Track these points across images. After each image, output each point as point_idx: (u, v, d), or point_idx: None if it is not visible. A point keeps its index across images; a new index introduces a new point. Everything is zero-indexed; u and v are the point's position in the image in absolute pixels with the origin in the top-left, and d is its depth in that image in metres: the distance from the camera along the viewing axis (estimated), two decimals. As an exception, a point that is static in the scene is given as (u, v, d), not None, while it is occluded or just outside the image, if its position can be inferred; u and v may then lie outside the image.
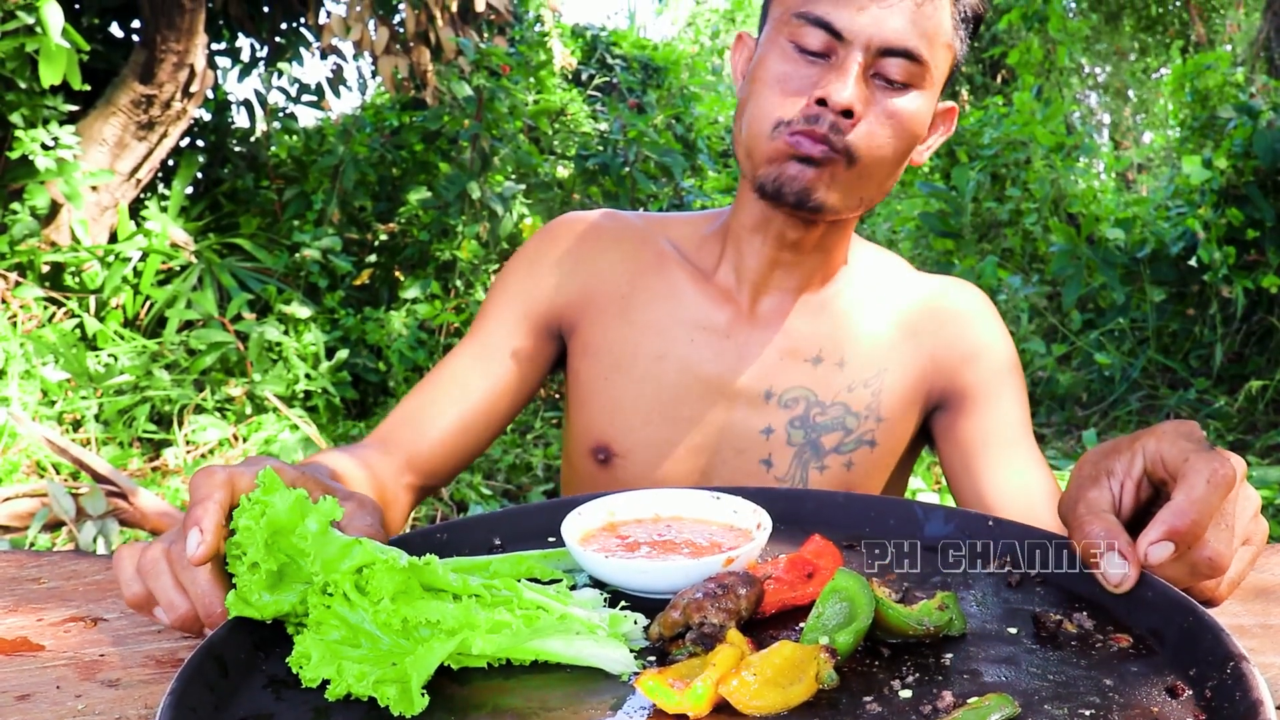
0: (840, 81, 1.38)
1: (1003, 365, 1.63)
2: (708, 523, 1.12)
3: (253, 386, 5.82)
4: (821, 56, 1.41)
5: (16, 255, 6.08)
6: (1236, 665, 0.78)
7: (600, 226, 1.72)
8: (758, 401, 1.59)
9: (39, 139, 5.81)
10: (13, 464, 5.03)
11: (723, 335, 1.60)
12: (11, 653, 1.05)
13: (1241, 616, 1.05)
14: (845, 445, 1.58)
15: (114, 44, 7.25)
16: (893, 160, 1.46)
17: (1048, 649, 0.88)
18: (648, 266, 1.67)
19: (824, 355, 1.60)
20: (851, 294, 1.64)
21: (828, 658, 0.80)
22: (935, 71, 1.45)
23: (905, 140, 1.45)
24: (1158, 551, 0.90)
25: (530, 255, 1.72)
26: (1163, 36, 13.75)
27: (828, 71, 1.40)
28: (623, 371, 1.63)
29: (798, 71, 1.42)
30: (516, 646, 0.85)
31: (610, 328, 1.65)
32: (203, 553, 0.93)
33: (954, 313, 1.65)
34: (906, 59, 1.40)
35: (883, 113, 1.42)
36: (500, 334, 1.67)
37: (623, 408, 1.62)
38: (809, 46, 1.41)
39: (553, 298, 1.68)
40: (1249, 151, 6.56)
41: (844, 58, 1.39)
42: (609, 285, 1.67)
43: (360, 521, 1.07)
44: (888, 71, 1.41)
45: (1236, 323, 6.62)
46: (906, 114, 1.43)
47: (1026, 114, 7.79)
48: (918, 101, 1.44)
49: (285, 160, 8.02)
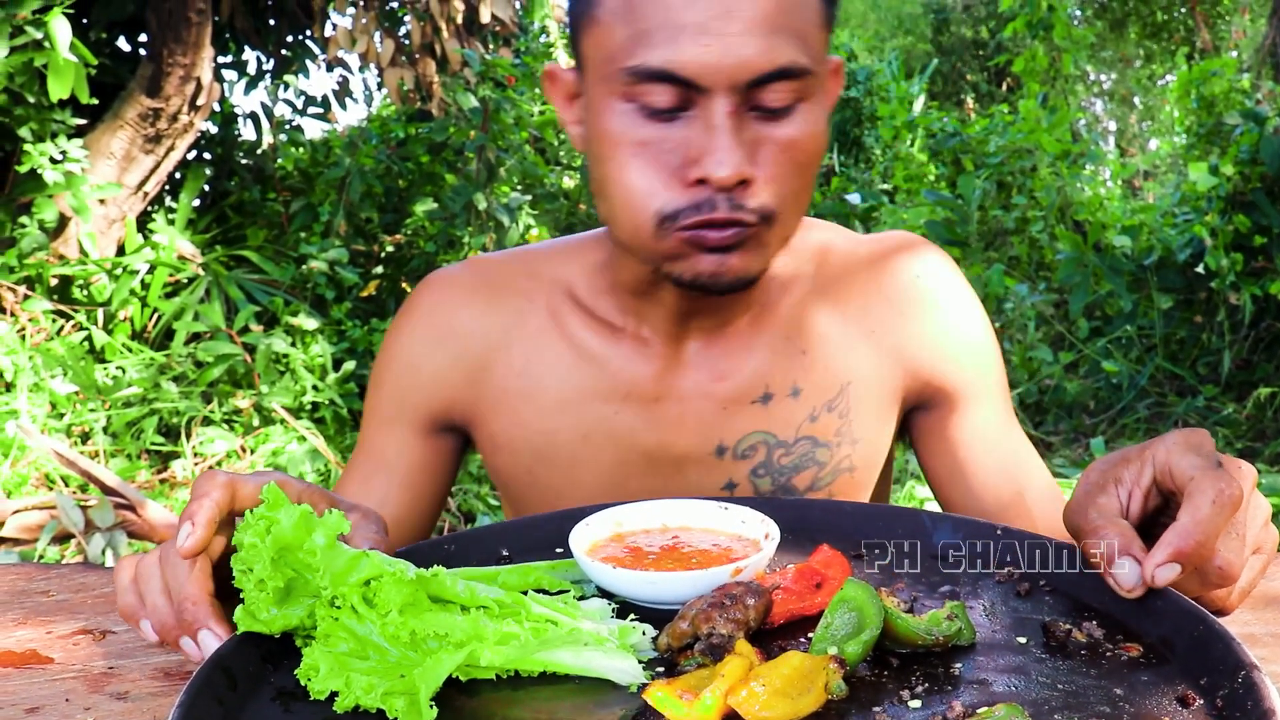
0: (715, 151, 1.10)
1: (980, 345, 1.43)
2: (715, 533, 1.12)
3: (260, 398, 5.83)
4: (678, 111, 1.13)
5: (25, 268, 6.10)
6: (1248, 674, 0.77)
7: (474, 289, 1.43)
8: (709, 460, 1.38)
9: (47, 153, 5.84)
10: (22, 476, 5.04)
11: (651, 399, 1.37)
12: (21, 665, 1.05)
13: (1252, 625, 1.05)
14: (821, 481, 1.39)
15: (121, 58, 7.29)
16: (808, 187, 1.22)
17: (1057, 658, 0.88)
18: (542, 332, 1.40)
19: (773, 390, 1.37)
20: (790, 304, 1.39)
21: (836, 668, 0.80)
22: (821, 67, 1.18)
23: (815, 161, 1.21)
24: (1164, 574, 0.88)
25: (400, 347, 1.45)
26: (1168, 43, 13.75)
27: (692, 131, 1.13)
28: (546, 461, 1.40)
29: (654, 140, 1.14)
30: (525, 658, 0.85)
31: (517, 415, 1.40)
32: (191, 544, 0.92)
33: (911, 295, 1.41)
34: (786, 79, 1.13)
35: (778, 151, 1.15)
36: (390, 449, 1.44)
37: (559, 498, 1.40)
38: (658, 105, 1.13)
39: (436, 394, 1.43)
40: (1256, 158, 6.55)
41: (707, 110, 1.11)
42: (500, 364, 1.40)
43: (366, 532, 1.05)
44: (767, 101, 1.13)
45: (1244, 329, 6.60)
46: (805, 137, 1.17)
47: (1032, 122, 7.79)
48: (812, 115, 1.18)
49: (292, 172, 8.04)
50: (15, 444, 5.13)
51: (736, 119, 1.12)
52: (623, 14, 1.13)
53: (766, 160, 1.15)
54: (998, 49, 13.72)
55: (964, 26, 16.03)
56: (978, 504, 1.40)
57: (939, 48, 15.82)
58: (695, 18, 1.09)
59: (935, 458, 1.45)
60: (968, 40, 15.92)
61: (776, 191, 1.16)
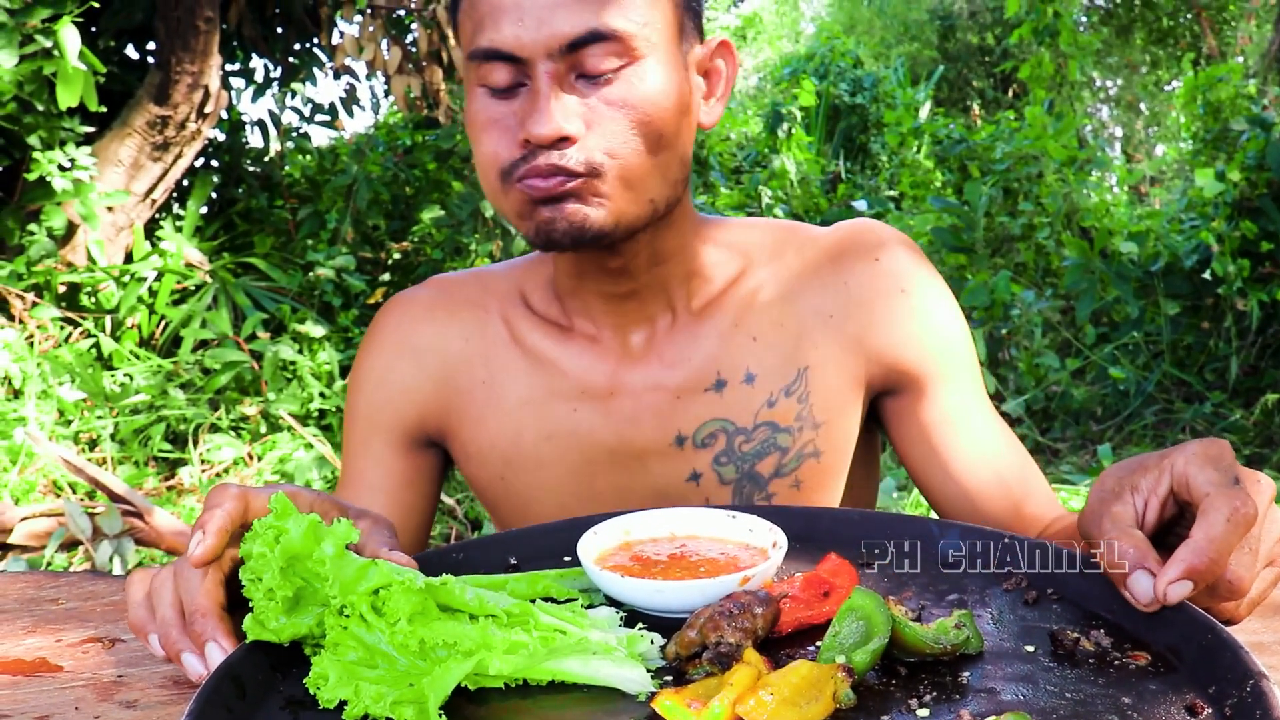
0: (535, 112, 1.20)
1: (945, 327, 1.44)
2: (723, 541, 1.12)
3: (267, 405, 5.84)
4: (516, 87, 1.24)
5: (34, 276, 6.12)
6: (1256, 683, 0.77)
7: (433, 305, 1.51)
8: (670, 451, 1.41)
9: (56, 160, 5.85)
10: (30, 483, 5.05)
11: (606, 395, 1.41)
12: (31, 673, 1.05)
13: (1261, 634, 1.05)
14: (786, 466, 1.41)
15: (130, 66, 7.31)
16: (653, 147, 1.26)
17: (1065, 667, 0.88)
18: (499, 340, 1.47)
19: (725, 376, 1.40)
20: (737, 292, 1.43)
21: (845, 677, 0.80)
22: (651, 30, 1.24)
23: (655, 121, 1.24)
24: (1177, 590, 0.88)
25: (368, 367, 1.51)
26: (1174, 49, 13.74)
27: (524, 102, 1.23)
28: (514, 465, 1.45)
29: (499, 115, 1.25)
30: (533, 667, 0.86)
31: (484, 422, 1.45)
32: (202, 552, 0.93)
33: (871, 281, 1.42)
34: (599, 42, 1.21)
35: (605, 110, 1.23)
36: (371, 469, 1.49)
37: (531, 501, 1.46)
38: (498, 84, 1.24)
39: (408, 409, 1.48)
40: (1262, 164, 6.54)
41: (533, 80, 1.22)
42: (464, 373, 1.47)
43: (379, 538, 1.06)
44: (590, 67, 1.22)
45: (1252, 335, 6.59)
46: (637, 96, 1.23)
47: (1038, 128, 7.79)
48: (645, 75, 1.24)
49: (299, 180, 8.06)
50: (23, 451, 5.14)
51: (557, 83, 1.22)
52: (469, 9, 1.26)
53: (593, 119, 1.23)
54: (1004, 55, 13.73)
55: (970, 33, 16.03)
56: (955, 487, 1.42)
57: (945, 54, 15.82)
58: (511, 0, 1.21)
59: (908, 443, 1.46)
60: (974, 47, 15.92)
61: (603, 145, 1.23)
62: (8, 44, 5.24)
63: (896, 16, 16.88)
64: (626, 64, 1.22)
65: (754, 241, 1.46)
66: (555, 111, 1.20)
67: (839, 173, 11.13)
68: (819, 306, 1.42)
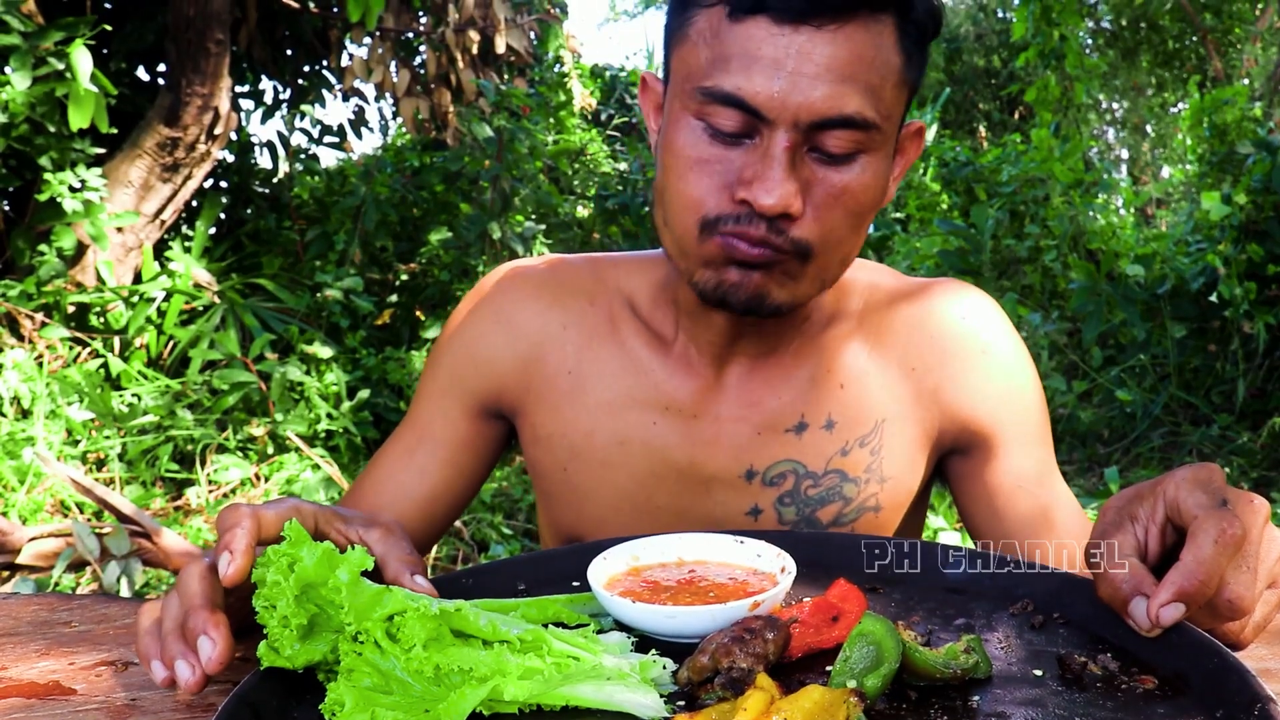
0: (765, 179, 1.15)
1: (1022, 391, 1.43)
2: (732, 566, 1.13)
3: (275, 426, 5.85)
4: (742, 137, 1.19)
5: (43, 296, 6.15)
6: (1264, 707, 0.78)
7: (542, 284, 1.49)
8: (738, 483, 1.40)
9: (67, 181, 5.89)
10: (37, 503, 5.06)
11: (689, 415, 1.40)
12: (44, 696, 1.06)
13: (1268, 660, 1.05)
14: (846, 517, 1.40)
15: (140, 87, 7.36)
16: (853, 236, 1.25)
17: (1074, 691, 0.88)
18: (598, 334, 1.45)
19: (808, 420, 1.39)
20: (833, 335, 1.42)
21: (857, 701, 0.81)
22: (891, 122, 1.21)
23: (864, 213, 1.23)
24: (1169, 614, 0.90)
25: (463, 327, 1.51)
26: (1180, 71, 13.76)
27: (751, 157, 1.18)
28: (581, 460, 1.44)
29: (715, 158, 1.20)
30: (548, 692, 0.86)
31: (560, 411, 1.45)
32: (234, 572, 0.93)
33: (956, 337, 1.42)
34: (849, 128, 1.16)
35: (829, 195, 1.19)
36: (437, 423, 1.50)
37: (589, 499, 1.45)
38: (723, 128, 1.18)
39: (490, 377, 1.48)
40: (1268, 187, 6.54)
41: (768, 141, 1.16)
42: (553, 359, 1.45)
43: (397, 552, 1.06)
44: (827, 146, 1.17)
45: (1259, 358, 6.58)
46: (859, 187, 1.20)
47: (1045, 151, 7.81)
48: (871, 167, 1.21)
49: (307, 201, 8.10)
50: (31, 471, 5.15)
51: (793, 155, 1.16)
52: (709, 37, 1.19)
53: (814, 200, 1.19)
54: (1010, 78, 13.75)
55: (976, 56, 16.07)
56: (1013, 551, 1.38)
57: (951, 77, 15.86)
58: (772, 53, 1.14)
59: (971, 503, 1.45)
60: (980, 69, 15.96)
61: (818, 231, 1.20)
62: (22, 66, 5.28)
63: (902, 39, 16.89)
64: (860, 151, 1.19)
65: (854, 284, 1.46)
66: (787, 186, 1.15)
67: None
68: (903, 359, 1.41)
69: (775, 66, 1.14)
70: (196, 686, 0.92)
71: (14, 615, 1.30)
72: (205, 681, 0.93)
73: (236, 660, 1.10)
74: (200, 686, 0.92)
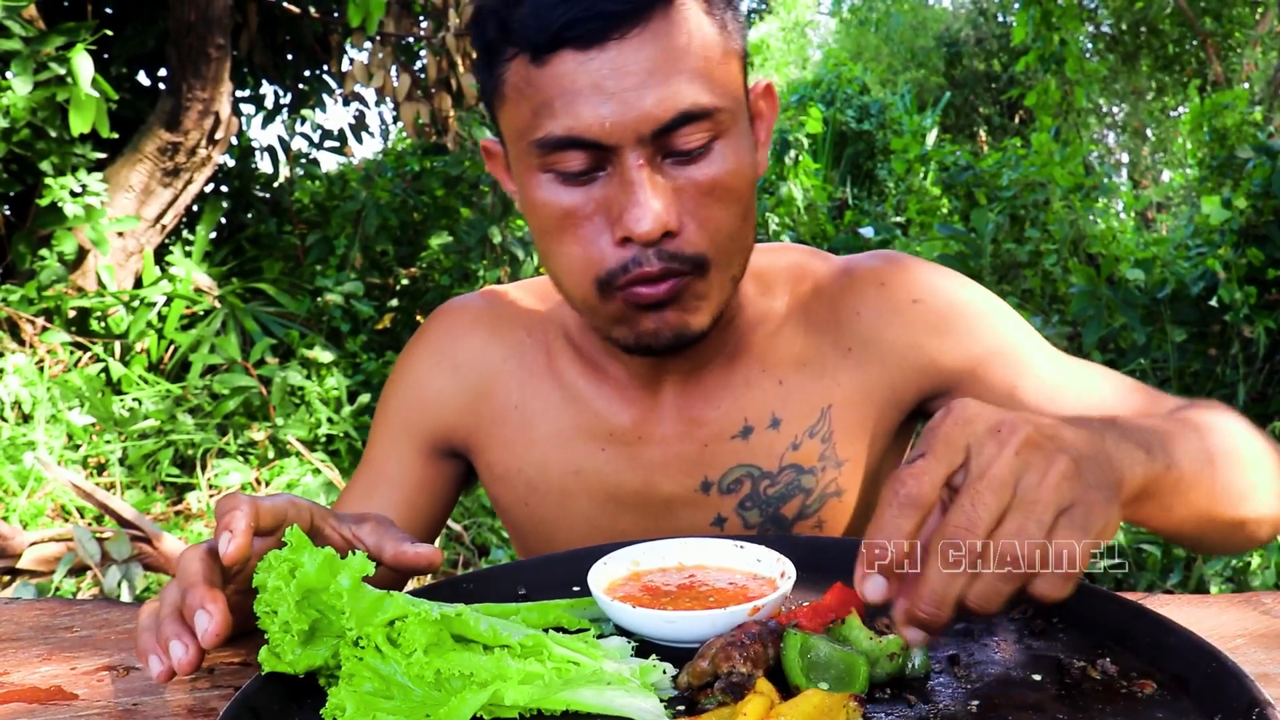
0: (633, 207, 1.11)
1: (969, 312, 1.35)
2: (731, 571, 1.13)
3: (275, 431, 5.85)
4: (595, 172, 1.15)
5: (44, 300, 6.16)
6: (1261, 712, 0.78)
7: (478, 319, 1.48)
8: (696, 497, 1.38)
9: (68, 186, 5.90)
10: (38, 508, 5.07)
11: (634, 440, 1.39)
12: (46, 701, 1.06)
13: (1267, 665, 1.05)
14: (809, 508, 1.37)
15: (141, 92, 7.37)
16: (743, 221, 1.21)
17: (1073, 695, 0.88)
18: (536, 367, 1.44)
19: (753, 423, 1.37)
20: (764, 333, 1.39)
21: (856, 706, 0.81)
22: (731, 100, 1.17)
23: (742, 196, 1.19)
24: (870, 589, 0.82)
25: (407, 369, 1.50)
26: (1180, 75, 13.79)
27: (611, 189, 1.14)
28: (540, 493, 1.43)
29: (578, 205, 1.16)
30: (548, 697, 0.86)
31: (513, 446, 1.43)
32: (234, 550, 0.93)
33: (882, 302, 1.37)
34: (693, 122, 1.13)
35: (701, 193, 1.15)
36: (391, 466, 1.48)
37: (556, 529, 1.44)
38: (573, 171, 1.15)
39: (439, 418, 1.47)
40: (1268, 191, 6.55)
41: (620, 167, 1.13)
42: (499, 394, 1.44)
43: (392, 535, 1.07)
44: (680, 146, 1.13)
45: (1259, 362, 6.58)
46: (727, 174, 1.16)
47: (1045, 155, 7.81)
48: (731, 148, 1.17)
49: (308, 205, 8.10)
50: (32, 475, 5.16)
51: (651, 170, 1.13)
52: (524, 89, 1.15)
53: (691, 205, 1.16)
54: (1010, 82, 13.77)
55: (976, 60, 16.10)
56: None
57: (952, 81, 15.89)
58: (588, 81, 1.11)
59: None
60: (980, 73, 15.98)
61: (705, 236, 1.17)
62: (23, 71, 5.29)
63: (903, 43, 16.96)
64: (714, 137, 1.15)
65: (778, 274, 1.42)
66: (656, 204, 1.12)
67: (846, 199, 11.16)
68: (837, 341, 1.38)
69: (597, 92, 1.10)
70: (190, 666, 0.93)
71: (15, 620, 1.30)
72: (199, 661, 0.93)
73: (237, 665, 1.11)
74: (194, 666, 0.93)
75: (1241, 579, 4.15)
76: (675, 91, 1.11)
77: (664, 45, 1.11)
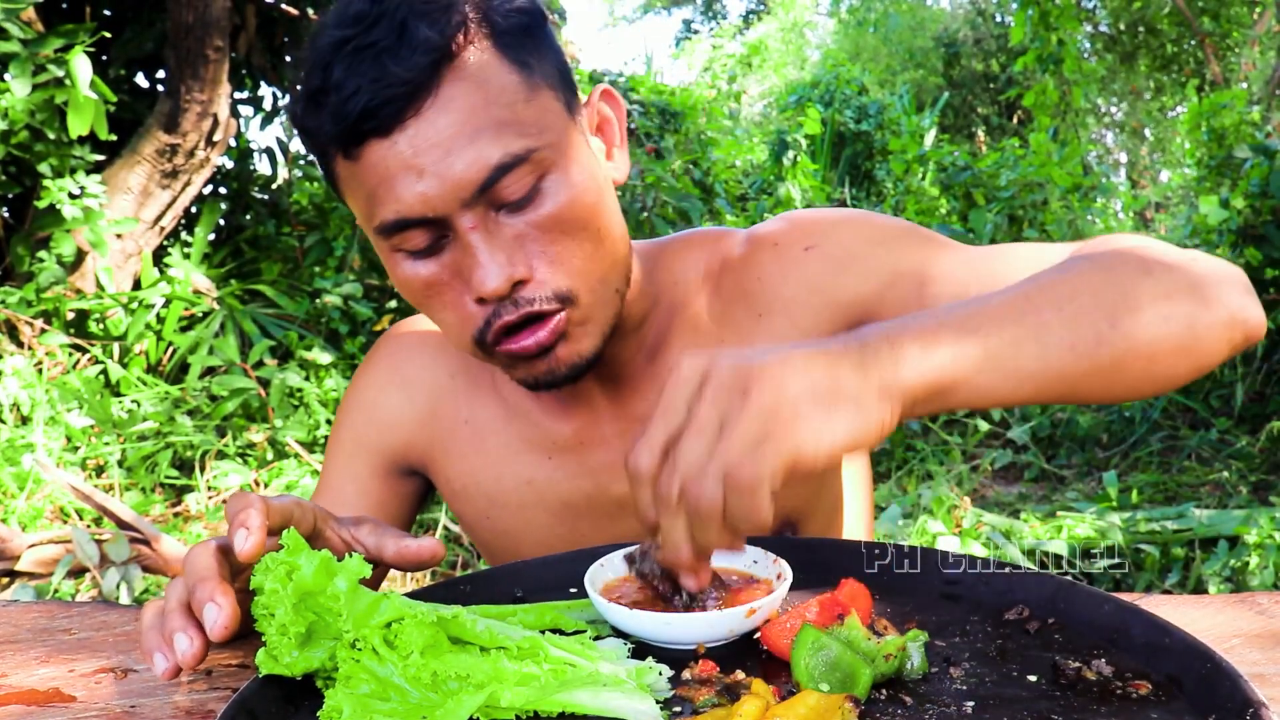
0: (476, 270, 1.14)
1: (864, 238, 1.35)
2: (727, 572, 1.13)
3: (274, 432, 5.86)
4: (439, 240, 1.17)
5: (43, 302, 6.16)
6: (1256, 712, 0.78)
7: (425, 336, 1.50)
8: None
9: (66, 188, 5.90)
10: (37, 510, 5.07)
11: (576, 447, 1.41)
12: (44, 703, 1.06)
13: (1262, 665, 1.06)
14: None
15: (140, 94, 7.37)
16: (599, 242, 1.20)
17: (1068, 696, 0.88)
18: (480, 381, 1.45)
19: None
20: (683, 323, 1.40)
21: (852, 707, 0.81)
22: (549, 131, 1.16)
23: (590, 218, 1.19)
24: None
25: (359, 391, 1.51)
26: (1178, 75, 13.80)
27: (456, 254, 1.16)
28: (499, 505, 1.45)
29: (435, 275, 1.18)
30: (544, 699, 0.86)
31: (467, 461, 1.45)
32: (250, 547, 0.93)
33: (776, 261, 1.37)
34: (509, 171, 1.13)
35: (542, 235, 1.16)
36: (349, 488, 1.49)
37: (520, 539, 1.46)
38: (419, 247, 1.17)
39: (393, 436, 1.48)
40: (1266, 191, 6.56)
41: (455, 233, 1.15)
42: (448, 409, 1.46)
43: (391, 533, 1.08)
44: (507, 197, 1.14)
45: (1257, 362, 6.59)
46: (565, 205, 1.16)
47: (1043, 155, 7.83)
48: (564, 179, 1.17)
49: (306, 207, 8.10)
50: (31, 477, 5.16)
51: (485, 228, 1.14)
52: (351, 182, 1.18)
53: (536, 248, 1.17)
54: (1008, 83, 13.78)
55: (975, 60, 16.12)
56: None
57: (950, 81, 15.90)
58: (398, 162, 1.12)
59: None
60: (979, 74, 16.00)
61: (561, 273, 1.18)
62: (22, 73, 5.30)
63: (902, 44, 16.97)
64: (540, 176, 1.15)
65: (690, 260, 1.42)
66: (496, 262, 1.14)
67: (844, 199, 11.17)
68: (749, 310, 1.38)
69: (409, 172, 1.12)
70: (195, 659, 0.93)
71: (14, 622, 1.30)
72: (203, 655, 0.93)
73: (235, 667, 1.11)
74: (197, 661, 0.93)
75: (1240, 579, 4.15)
76: (481, 150, 1.11)
77: (459, 107, 1.11)
